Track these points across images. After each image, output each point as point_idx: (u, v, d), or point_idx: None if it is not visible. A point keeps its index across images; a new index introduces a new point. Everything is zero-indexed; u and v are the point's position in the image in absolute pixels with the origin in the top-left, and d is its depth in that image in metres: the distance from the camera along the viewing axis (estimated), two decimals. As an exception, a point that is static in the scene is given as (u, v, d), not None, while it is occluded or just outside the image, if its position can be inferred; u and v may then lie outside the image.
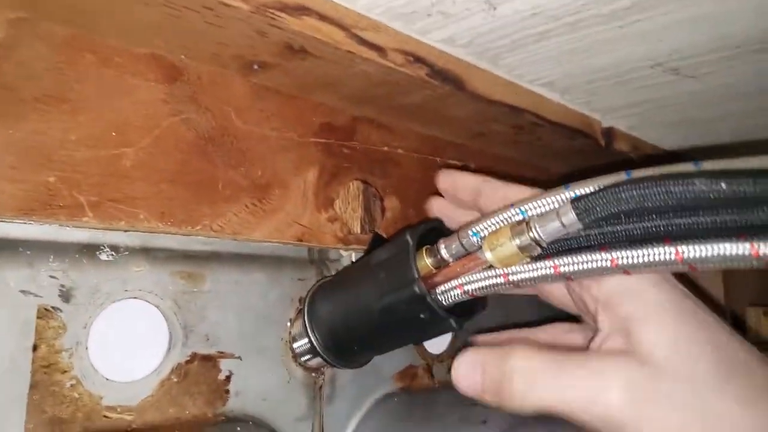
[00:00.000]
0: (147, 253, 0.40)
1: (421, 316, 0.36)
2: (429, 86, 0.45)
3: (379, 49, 0.41)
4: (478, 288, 0.34)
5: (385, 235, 0.53)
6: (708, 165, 0.28)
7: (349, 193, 0.50)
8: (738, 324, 0.91)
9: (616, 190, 0.28)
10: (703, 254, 0.27)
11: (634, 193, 0.27)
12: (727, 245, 0.26)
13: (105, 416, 0.37)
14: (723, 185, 0.25)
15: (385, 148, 0.55)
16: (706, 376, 0.28)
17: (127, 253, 0.39)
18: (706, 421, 0.27)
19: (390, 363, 0.54)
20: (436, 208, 0.44)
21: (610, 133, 0.64)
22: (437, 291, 0.37)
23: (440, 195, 0.44)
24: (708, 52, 0.44)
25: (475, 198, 0.39)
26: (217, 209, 0.42)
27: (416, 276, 0.36)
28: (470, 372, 0.33)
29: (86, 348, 0.36)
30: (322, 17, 0.37)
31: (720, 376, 0.28)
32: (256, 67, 0.42)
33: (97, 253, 0.38)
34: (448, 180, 0.41)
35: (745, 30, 0.41)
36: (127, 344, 0.39)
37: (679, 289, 0.31)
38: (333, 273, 0.50)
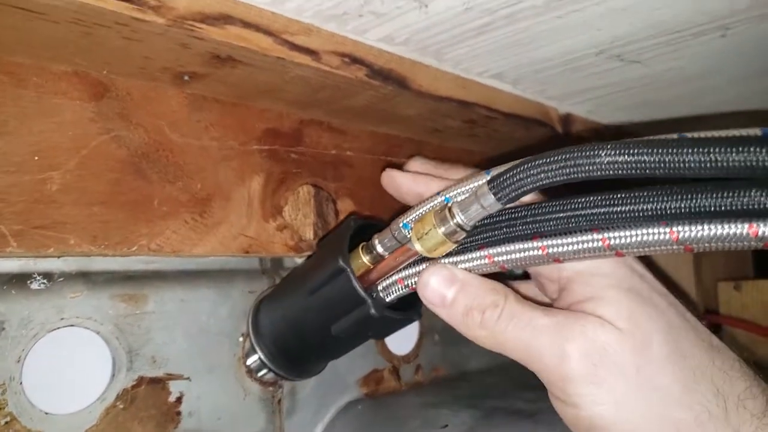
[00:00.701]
0: (85, 277, 0.39)
1: (348, 300, 0.37)
2: (371, 87, 0.44)
3: (312, 53, 0.39)
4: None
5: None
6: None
7: (299, 198, 0.49)
8: (709, 301, 0.91)
9: (527, 166, 0.28)
10: (628, 240, 0.28)
11: (544, 167, 0.28)
12: (649, 230, 0.27)
13: (46, 451, 0.36)
14: (626, 157, 0.26)
15: (337, 151, 0.54)
16: (657, 355, 0.29)
17: (62, 279, 0.38)
18: (648, 395, 0.29)
19: (353, 369, 0.53)
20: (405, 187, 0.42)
21: (567, 119, 0.63)
22: (378, 288, 0.37)
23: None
24: (647, 38, 0.43)
25: (418, 197, 0.38)
26: (154, 228, 0.40)
27: (344, 251, 0.37)
28: (446, 281, 0.33)
29: (20, 383, 0.35)
30: (247, 25, 0.36)
31: (668, 357, 0.29)
32: (186, 78, 0.41)
33: (28, 282, 0.37)
34: (388, 182, 0.41)
35: (681, 15, 0.40)
36: (67, 374, 0.37)
37: (637, 273, 0.32)
38: (287, 282, 0.49)
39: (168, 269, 0.43)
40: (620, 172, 0.26)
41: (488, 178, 0.31)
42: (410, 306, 0.39)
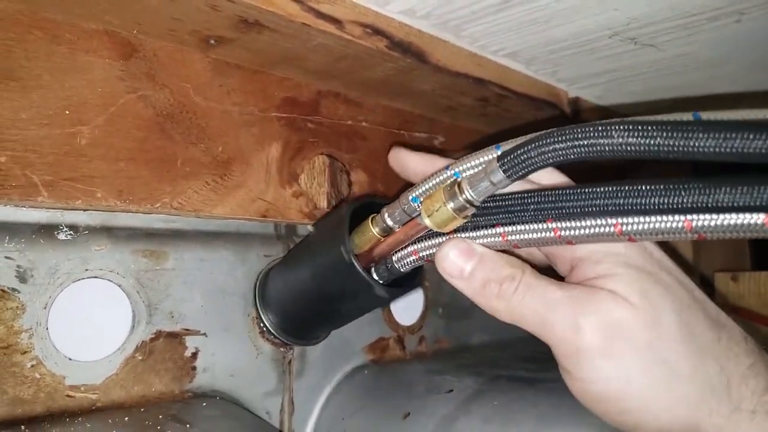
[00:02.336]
0: (108, 232, 0.40)
1: (352, 283, 0.37)
2: (390, 59, 0.45)
3: (336, 22, 0.40)
4: (432, 254, 0.35)
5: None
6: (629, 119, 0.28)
7: (315, 167, 0.50)
8: (706, 289, 0.92)
9: (537, 143, 0.28)
10: (641, 227, 0.28)
11: (555, 145, 0.27)
12: (663, 218, 0.27)
13: (68, 395, 0.37)
14: (639, 138, 0.26)
15: (352, 122, 0.55)
16: (667, 332, 0.30)
17: (87, 232, 0.39)
18: (657, 370, 0.29)
19: (360, 336, 0.55)
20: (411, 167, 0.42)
21: (576, 103, 0.64)
22: (393, 259, 0.37)
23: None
24: (663, 20, 0.44)
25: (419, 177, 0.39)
26: (177, 186, 0.41)
27: (345, 240, 0.37)
28: (465, 254, 0.33)
29: (46, 328, 0.36)
30: (276, -10, 0.37)
31: (678, 334, 0.30)
32: (212, 42, 0.42)
33: (56, 233, 0.38)
34: (395, 160, 0.41)
35: (697, -2, 0.41)
36: (90, 323, 0.39)
37: (647, 251, 0.32)
38: (300, 248, 0.50)
39: (188, 229, 0.44)
40: (632, 152, 0.26)
41: (498, 153, 0.31)
42: (410, 276, 0.40)
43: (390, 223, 0.37)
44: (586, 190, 0.30)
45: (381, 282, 0.38)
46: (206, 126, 0.44)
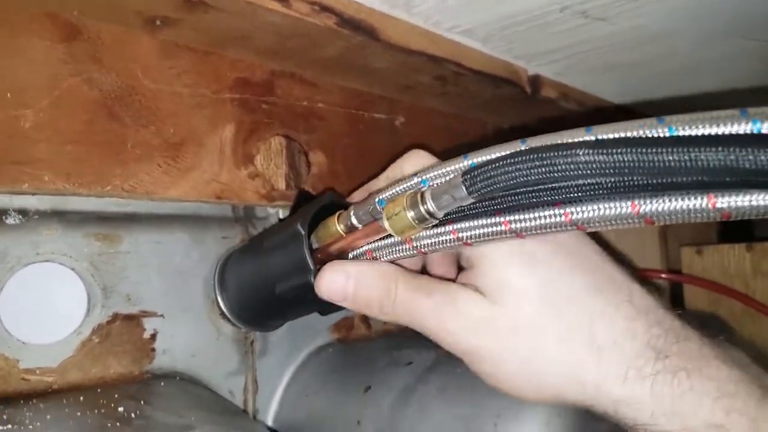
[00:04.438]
0: (59, 216, 0.40)
1: (313, 297, 0.37)
2: (341, 36, 0.45)
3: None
4: (386, 255, 0.35)
5: (312, 191, 0.53)
6: (598, 130, 0.28)
7: (271, 148, 0.50)
8: (674, 264, 0.94)
9: (501, 164, 0.28)
10: (590, 215, 0.28)
11: (519, 166, 0.27)
12: (612, 204, 0.27)
13: (23, 378, 0.37)
14: (605, 157, 0.26)
15: (309, 103, 0.55)
16: (530, 313, 0.31)
17: (37, 217, 0.39)
18: (523, 354, 0.31)
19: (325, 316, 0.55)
20: None
21: (536, 80, 0.65)
22: (348, 257, 0.37)
23: None
24: (611, -9, 0.45)
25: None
26: (128, 169, 0.41)
27: (311, 268, 0.37)
28: (338, 280, 0.35)
29: (-3, 312, 0.36)
30: (217, -33, 0.37)
31: (543, 313, 0.31)
32: (158, 23, 0.42)
33: (4, 217, 0.38)
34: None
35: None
36: (43, 307, 0.39)
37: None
38: (259, 231, 0.50)
39: (142, 212, 0.44)
40: (598, 172, 0.26)
41: (464, 168, 0.31)
42: None
43: (355, 221, 0.37)
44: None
45: None
46: (157, 108, 0.43)
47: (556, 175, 0.27)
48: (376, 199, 0.35)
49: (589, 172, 0.26)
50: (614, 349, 0.30)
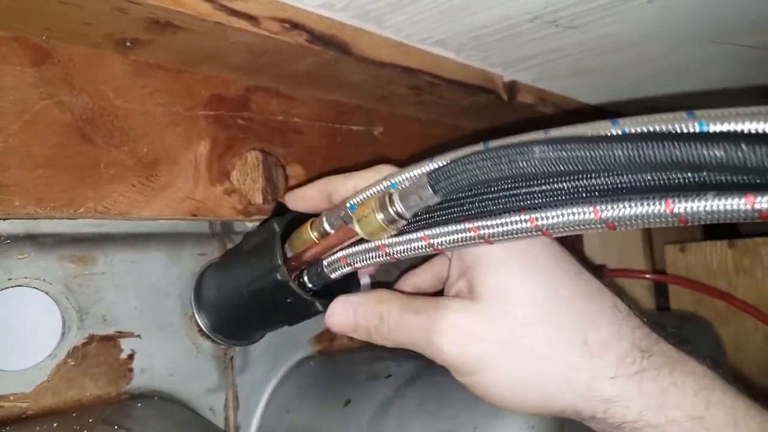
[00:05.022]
0: (32, 239, 0.40)
1: (288, 300, 0.38)
2: (312, 52, 0.45)
3: (251, 18, 0.40)
4: (360, 261, 0.36)
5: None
6: (554, 132, 0.29)
7: (247, 163, 0.50)
8: (658, 262, 0.95)
9: (463, 161, 0.29)
10: (555, 220, 0.29)
11: (479, 164, 0.28)
12: (575, 210, 0.28)
13: (-2, 405, 0.37)
14: (559, 153, 0.26)
15: (285, 117, 0.55)
16: (522, 320, 0.32)
17: (9, 241, 0.39)
18: (516, 360, 0.32)
19: (306, 327, 0.55)
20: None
21: (513, 87, 0.65)
22: (323, 263, 0.38)
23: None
24: (577, 3, 0.45)
25: (330, 201, 0.40)
26: (101, 190, 0.41)
27: (279, 263, 0.38)
28: (344, 313, 0.37)
29: (-31, 340, 0.36)
30: (184, -11, 0.37)
31: (535, 319, 0.32)
32: (129, 44, 0.42)
33: (-25, 244, 0.37)
34: (294, 201, 0.42)
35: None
36: (17, 332, 0.39)
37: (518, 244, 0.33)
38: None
39: (117, 232, 0.44)
40: (553, 167, 0.27)
41: (429, 170, 0.32)
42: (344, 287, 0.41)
43: (327, 227, 0.37)
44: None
45: (312, 287, 0.39)
46: (129, 128, 0.43)
47: (514, 171, 0.28)
48: (347, 204, 0.36)
49: (544, 168, 0.27)
50: (604, 350, 0.31)
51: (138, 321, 0.44)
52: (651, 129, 0.26)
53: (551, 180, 0.29)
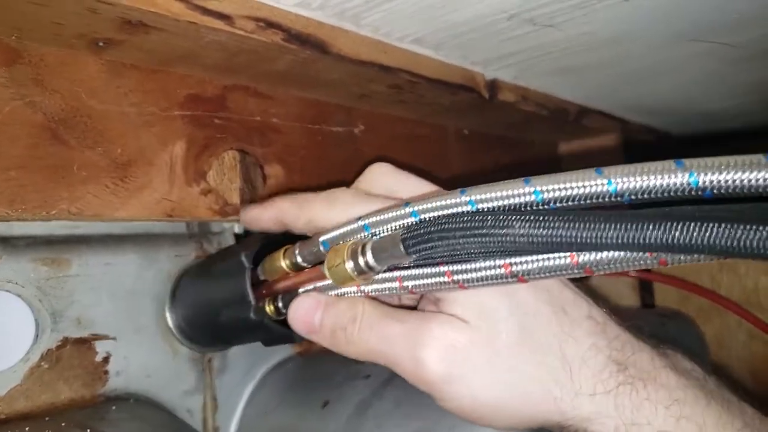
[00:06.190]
0: (4, 242, 0.40)
1: (261, 331, 0.39)
2: (289, 51, 0.45)
3: (225, 18, 0.40)
4: (335, 294, 0.36)
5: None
6: (536, 182, 0.28)
7: (224, 163, 0.50)
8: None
9: (440, 228, 0.29)
10: (530, 266, 0.28)
11: (457, 233, 0.28)
12: (551, 255, 0.28)
13: (-31, 410, 0.37)
14: (541, 230, 0.26)
15: (263, 116, 0.54)
16: (506, 341, 0.31)
17: (-20, 244, 0.38)
18: (500, 380, 0.31)
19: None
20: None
21: (494, 85, 0.65)
22: (299, 293, 0.38)
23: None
24: (555, 1, 0.45)
25: (283, 227, 0.39)
26: (74, 192, 0.41)
27: (251, 301, 0.38)
28: (310, 308, 0.35)
29: (-61, 344, 0.36)
30: (156, -11, 0.36)
31: (517, 340, 0.31)
32: (101, 44, 0.41)
33: (-57, 247, 0.37)
34: (248, 221, 0.42)
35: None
36: (-12, 336, 0.38)
37: None
38: (215, 246, 0.50)
39: (92, 233, 0.44)
40: (534, 242, 0.27)
41: (406, 217, 0.31)
42: None
43: (299, 260, 0.37)
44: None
45: (285, 312, 0.38)
46: (103, 129, 0.43)
47: (493, 245, 0.28)
48: (320, 240, 0.35)
49: (525, 242, 0.27)
50: (582, 365, 0.31)
51: (113, 323, 0.43)
52: (637, 181, 0.25)
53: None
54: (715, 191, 0.24)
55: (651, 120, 0.99)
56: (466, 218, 0.28)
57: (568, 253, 0.27)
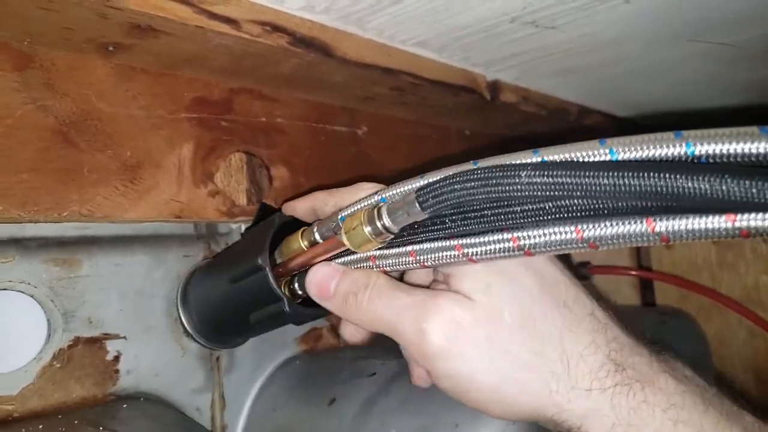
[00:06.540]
0: (17, 243, 0.40)
1: (267, 296, 0.39)
2: (294, 54, 0.46)
3: (231, 22, 0.41)
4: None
5: (274, 205, 0.54)
6: (543, 152, 0.29)
7: (231, 165, 0.51)
8: (644, 258, 0.96)
9: (450, 182, 0.30)
10: (536, 240, 0.29)
11: (466, 185, 0.29)
12: (557, 229, 0.28)
13: (-17, 408, 0.37)
14: (545, 178, 0.27)
15: (269, 118, 0.55)
16: (508, 324, 0.32)
17: (-7, 245, 0.39)
18: (499, 362, 0.32)
19: (292, 327, 0.55)
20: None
21: (495, 86, 0.66)
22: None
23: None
24: (557, 3, 0.46)
25: (315, 216, 0.40)
26: (85, 194, 0.42)
27: (264, 248, 0.39)
28: (328, 273, 0.36)
29: (-46, 343, 0.37)
30: (164, -6, 0.37)
31: (519, 325, 0.32)
32: (111, 48, 0.42)
33: (-42, 248, 0.38)
34: (289, 211, 0.43)
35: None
36: (2, 336, 0.39)
37: None
38: (222, 247, 0.51)
39: (103, 235, 0.44)
40: (539, 192, 0.27)
41: (419, 186, 0.32)
42: None
43: (318, 237, 0.38)
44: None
45: (302, 294, 0.39)
46: (113, 132, 0.44)
47: (500, 194, 0.28)
48: (339, 216, 0.37)
49: (529, 192, 0.27)
50: (580, 360, 0.32)
51: (123, 323, 0.44)
52: (638, 150, 0.26)
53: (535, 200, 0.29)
54: (710, 161, 0.25)
55: (651, 120, 1.00)
56: (476, 173, 0.29)
57: (573, 228, 0.28)
